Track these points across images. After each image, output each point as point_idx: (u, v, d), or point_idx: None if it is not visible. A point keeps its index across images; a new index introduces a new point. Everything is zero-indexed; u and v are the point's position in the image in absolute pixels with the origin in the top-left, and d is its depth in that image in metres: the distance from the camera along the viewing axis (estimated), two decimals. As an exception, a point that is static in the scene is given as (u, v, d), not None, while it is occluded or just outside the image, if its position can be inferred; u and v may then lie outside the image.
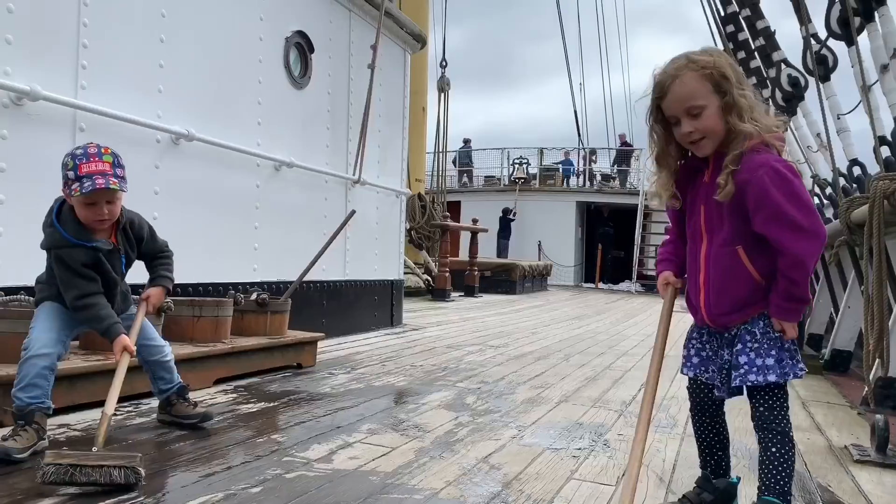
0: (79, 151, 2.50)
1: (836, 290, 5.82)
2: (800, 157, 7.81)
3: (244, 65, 5.01)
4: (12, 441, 2.33)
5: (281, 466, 2.42)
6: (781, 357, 1.93)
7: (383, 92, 6.95)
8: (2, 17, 3.30)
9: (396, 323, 7.44)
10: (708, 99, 1.91)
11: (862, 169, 5.40)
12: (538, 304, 12.54)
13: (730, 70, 1.91)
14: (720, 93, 1.90)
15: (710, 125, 1.92)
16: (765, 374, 1.91)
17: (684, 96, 1.92)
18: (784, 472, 1.89)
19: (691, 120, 1.92)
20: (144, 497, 2.05)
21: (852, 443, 3.10)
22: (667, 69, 1.96)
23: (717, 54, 1.96)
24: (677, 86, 1.92)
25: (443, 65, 16.46)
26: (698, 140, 1.95)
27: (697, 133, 1.93)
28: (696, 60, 1.92)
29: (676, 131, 1.98)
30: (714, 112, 1.91)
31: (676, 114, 1.95)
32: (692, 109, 1.91)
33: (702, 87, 1.91)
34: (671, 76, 1.93)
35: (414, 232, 13.60)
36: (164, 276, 2.84)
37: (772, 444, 1.91)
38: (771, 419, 1.92)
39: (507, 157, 26.81)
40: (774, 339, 1.94)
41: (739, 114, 1.90)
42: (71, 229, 2.53)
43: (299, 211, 5.66)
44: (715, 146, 1.95)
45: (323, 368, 4.53)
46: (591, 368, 5.07)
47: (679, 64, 1.93)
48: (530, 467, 2.56)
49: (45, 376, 2.46)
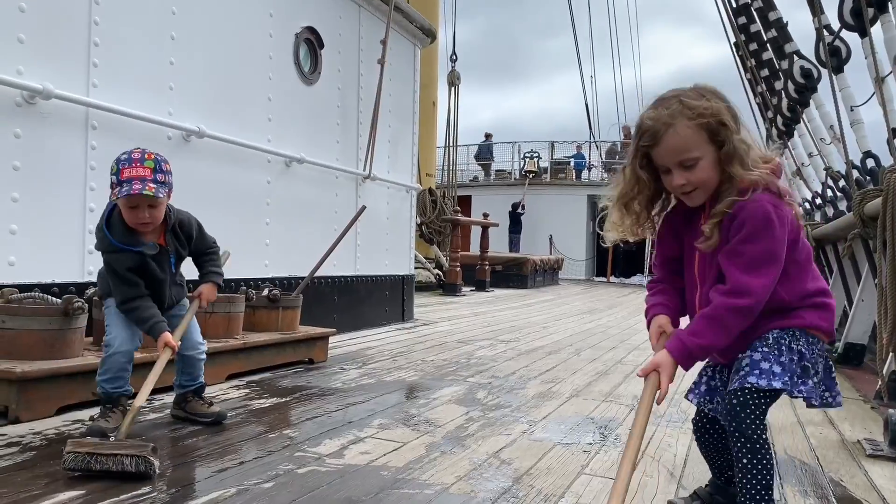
0: (123, 156, 2.60)
1: (849, 283, 5.78)
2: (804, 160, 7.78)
3: (254, 61, 5.02)
4: (104, 421, 2.63)
5: (293, 461, 2.43)
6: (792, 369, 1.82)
7: (393, 87, 6.95)
8: (14, 16, 3.32)
9: (407, 318, 7.46)
10: (703, 150, 1.78)
11: (875, 161, 5.34)
12: (549, 299, 12.53)
13: (727, 116, 1.78)
14: (716, 142, 1.78)
15: (704, 176, 1.80)
16: (769, 379, 1.80)
17: (679, 148, 1.79)
18: (759, 486, 1.78)
19: (684, 172, 1.81)
20: (157, 492, 2.07)
21: (865, 437, 3.08)
22: (660, 115, 1.80)
23: (714, 97, 1.81)
24: (671, 136, 1.78)
25: (453, 59, 16.44)
26: (690, 191, 1.84)
27: (690, 185, 1.82)
28: (693, 107, 1.77)
29: (667, 180, 1.87)
30: (709, 164, 1.79)
31: (668, 164, 1.83)
32: (686, 161, 1.79)
33: (697, 138, 1.77)
34: (665, 125, 1.78)
35: (425, 227, 13.62)
36: (213, 272, 2.95)
37: (742, 455, 1.79)
38: (742, 418, 1.79)
39: (518, 151, 26.76)
40: (788, 349, 1.84)
41: (742, 162, 1.77)
42: (118, 233, 2.62)
43: (310, 207, 5.67)
44: (707, 196, 1.84)
45: (334, 364, 4.55)
46: (602, 363, 5.06)
47: (673, 110, 1.78)
48: (541, 462, 2.56)
49: (126, 369, 2.73)
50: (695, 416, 2.14)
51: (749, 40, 8.49)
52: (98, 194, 3.73)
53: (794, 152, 8.28)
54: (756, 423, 1.79)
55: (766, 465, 1.79)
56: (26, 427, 2.67)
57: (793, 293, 1.85)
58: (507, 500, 2.16)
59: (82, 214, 3.66)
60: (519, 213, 22.28)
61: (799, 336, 1.86)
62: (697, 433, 2.13)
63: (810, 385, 1.83)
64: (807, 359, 1.85)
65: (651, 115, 1.82)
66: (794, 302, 1.86)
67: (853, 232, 4.46)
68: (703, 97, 1.80)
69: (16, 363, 2.77)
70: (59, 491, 2.04)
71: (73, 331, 2.99)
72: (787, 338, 1.85)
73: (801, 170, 8.09)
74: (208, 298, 2.94)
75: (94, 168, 3.71)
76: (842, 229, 5.23)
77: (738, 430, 1.79)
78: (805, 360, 1.84)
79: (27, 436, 2.57)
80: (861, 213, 3.95)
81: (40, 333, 2.88)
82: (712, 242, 1.80)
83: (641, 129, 1.85)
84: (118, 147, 3.86)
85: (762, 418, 1.80)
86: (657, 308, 2.06)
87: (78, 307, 2.97)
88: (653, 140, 1.81)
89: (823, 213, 7.09)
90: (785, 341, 1.85)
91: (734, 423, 1.80)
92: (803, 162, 7.97)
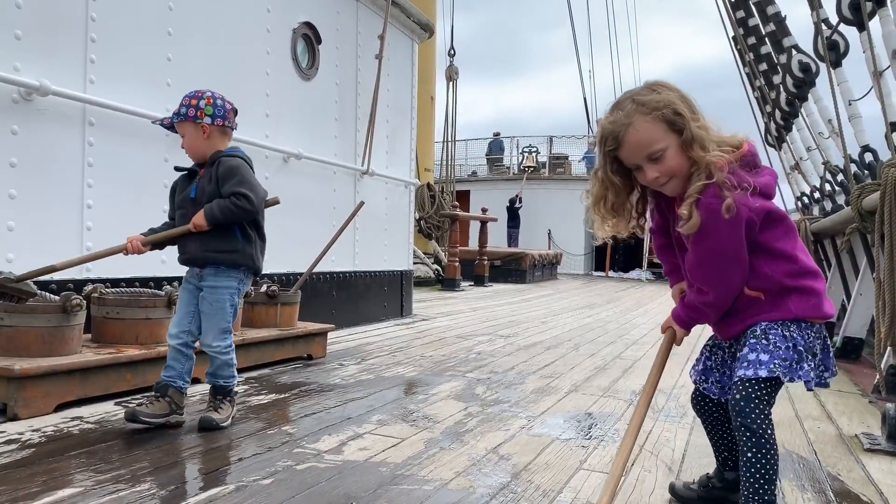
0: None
1: (847, 277, 5.79)
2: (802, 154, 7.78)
3: (252, 57, 5.01)
4: (143, 406, 2.73)
5: (292, 458, 2.44)
6: (781, 356, 1.86)
7: (391, 82, 6.94)
8: (10, 12, 3.31)
9: (406, 313, 7.46)
10: (666, 140, 1.84)
11: (874, 155, 5.34)
12: (548, 294, 12.54)
13: (681, 104, 1.84)
14: (676, 131, 1.84)
15: (674, 165, 1.86)
16: (755, 369, 1.85)
17: (642, 143, 1.85)
18: (763, 480, 1.80)
19: (654, 165, 1.87)
20: (157, 489, 2.07)
21: (863, 431, 3.09)
22: (617, 118, 1.87)
23: (664, 89, 1.87)
24: (632, 134, 1.85)
25: (451, 53, 16.43)
26: (665, 182, 1.89)
27: (663, 176, 1.88)
28: (646, 102, 1.84)
29: (640, 177, 1.92)
30: (675, 152, 1.85)
31: (637, 162, 1.89)
32: (653, 155, 1.85)
33: (657, 130, 1.84)
34: (623, 125, 1.85)
35: (423, 222, 13.61)
36: (208, 205, 2.78)
37: (747, 448, 1.81)
38: (747, 412, 1.82)
39: (517, 146, 26.72)
40: (779, 337, 1.88)
41: (702, 145, 1.83)
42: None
43: (308, 202, 5.67)
44: (682, 184, 1.89)
45: (333, 359, 4.55)
46: (600, 358, 5.07)
47: (628, 109, 1.85)
48: (539, 457, 2.57)
49: (177, 358, 2.83)
50: (693, 391, 2.22)
51: (747, 34, 8.48)
52: (96, 190, 3.72)
53: (793, 146, 8.28)
54: (761, 417, 1.82)
55: (770, 459, 1.81)
56: (25, 424, 2.67)
57: (778, 270, 1.90)
58: (505, 495, 2.16)
59: (80, 211, 3.65)
60: (517, 207, 22.27)
61: (790, 324, 1.91)
62: (695, 409, 2.22)
63: (806, 368, 1.88)
64: (801, 344, 1.89)
65: (609, 119, 1.89)
66: (783, 279, 1.90)
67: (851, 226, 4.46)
68: (654, 91, 1.86)
69: (14, 360, 2.77)
70: (58, 488, 2.04)
71: (72, 328, 2.99)
72: (778, 327, 1.90)
73: (800, 164, 8.09)
74: (195, 223, 2.78)
75: (91, 164, 3.70)
76: (840, 223, 5.23)
77: (742, 423, 1.83)
78: (800, 345, 1.89)
79: (26, 433, 2.57)
80: (859, 207, 3.96)
81: (39, 330, 2.88)
82: (693, 222, 1.82)
83: (603, 135, 1.91)
84: (115, 143, 3.88)
85: (766, 410, 1.84)
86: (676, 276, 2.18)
87: (76, 304, 2.97)
88: (616, 142, 1.88)
89: (822, 207, 7.10)
90: (776, 330, 1.90)
91: (738, 417, 1.84)
92: (801, 156, 7.97)
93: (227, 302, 2.87)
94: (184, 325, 2.85)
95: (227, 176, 2.80)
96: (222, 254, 2.84)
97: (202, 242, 2.82)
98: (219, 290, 2.85)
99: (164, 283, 3.94)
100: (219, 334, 2.86)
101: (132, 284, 3.82)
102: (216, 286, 2.85)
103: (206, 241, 2.82)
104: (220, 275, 2.86)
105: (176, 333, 2.83)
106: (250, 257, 2.90)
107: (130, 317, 3.32)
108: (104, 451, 2.41)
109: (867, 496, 2.30)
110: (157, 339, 3.37)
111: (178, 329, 2.84)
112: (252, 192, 2.80)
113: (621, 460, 1.87)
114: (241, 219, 2.83)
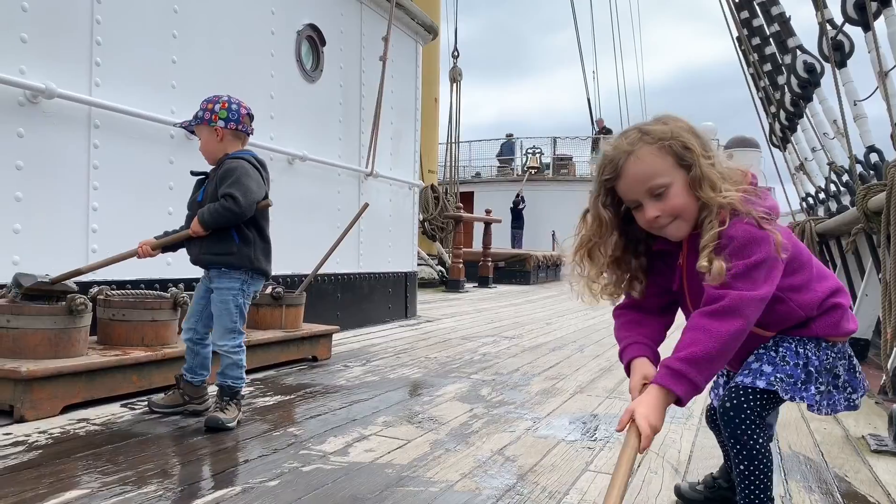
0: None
1: (853, 278, 5.77)
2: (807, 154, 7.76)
3: (256, 59, 5.02)
4: (158, 396, 3.02)
5: (297, 460, 2.44)
6: (786, 371, 1.75)
7: (395, 84, 6.95)
8: (16, 15, 3.32)
9: (410, 315, 7.46)
10: (671, 175, 1.66)
11: (879, 155, 5.33)
12: (552, 295, 12.52)
13: (691, 138, 1.67)
14: (684, 166, 1.66)
15: (679, 204, 1.67)
16: (754, 378, 1.74)
17: (644, 175, 1.66)
18: (758, 490, 1.73)
19: (656, 202, 1.68)
20: (164, 491, 2.08)
21: (870, 433, 3.08)
22: (619, 144, 1.70)
23: (674, 121, 1.70)
24: (633, 164, 1.67)
25: (455, 55, 16.43)
26: (667, 224, 1.70)
27: (665, 216, 1.68)
28: (651, 132, 1.68)
29: (639, 217, 1.72)
30: (681, 189, 1.66)
31: (637, 197, 1.70)
32: (655, 189, 1.66)
33: (662, 163, 1.66)
34: (625, 153, 1.68)
35: (427, 223, 13.64)
36: (200, 210, 2.83)
37: (738, 461, 1.73)
38: (737, 423, 1.71)
39: (521, 147, 26.73)
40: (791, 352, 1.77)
41: (712, 185, 1.64)
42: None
43: (312, 204, 5.68)
44: (689, 228, 1.70)
45: (338, 361, 4.55)
46: (605, 359, 5.06)
47: (632, 138, 1.69)
48: (545, 459, 2.57)
49: (188, 352, 3.01)
50: (709, 409, 2.18)
51: (752, 35, 8.47)
52: (101, 193, 3.73)
53: (798, 147, 8.26)
54: (751, 429, 1.71)
55: (762, 469, 1.72)
56: (32, 426, 2.68)
57: (809, 307, 1.78)
58: (511, 497, 2.16)
59: (85, 213, 3.66)
60: (520, 207, 22.27)
61: (808, 342, 1.80)
62: (709, 424, 2.19)
63: (812, 392, 1.76)
64: (814, 365, 1.78)
65: (611, 145, 1.73)
66: (812, 313, 1.78)
67: (857, 227, 4.45)
68: (663, 123, 1.71)
69: (21, 362, 2.78)
70: (65, 490, 2.04)
71: (78, 330, 3.00)
72: (793, 342, 1.80)
73: (805, 165, 8.07)
74: (192, 228, 2.85)
75: (97, 167, 3.71)
76: (845, 224, 5.22)
77: (732, 435, 1.73)
78: (812, 365, 1.78)
79: (32, 435, 2.58)
80: (865, 207, 3.95)
81: (45, 332, 2.89)
82: (718, 269, 1.61)
83: (603, 162, 1.74)
84: (121, 146, 3.89)
85: (757, 422, 1.72)
86: (635, 348, 1.83)
87: (82, 306, 2.98)
88: (615, 171, 1.70)
89: (827, 208, 7.08)
90: (789, 345, 1.79)
91: (728, 428, 1.73)
92: (806, 157, 7.95)
93: (230, 303, 2.90)
94: (190, 323, 2.98)
95: (224, 177, 2.84)
96: (220, 256, 2.89)
97: (201, 246, 2.89)
98: (222, 291, 2.90)
99: (169, 285, 3.94)
100: (225, 334, 2.90)
101: (138, 286, 3.83)
102: (220, 287, 2.91)
103: (205, 244, 2.88)
104: (222, 276, 2.91)
105: (185, 329, 3.00)
106: (248, 259, 2.91)
107: (136, 319, 3.32)
108: (110, 452, 2.42)
109: (874, 497, 2.29)
110: (162, 340, 3.38)
111: (186, 325, 3.00)
112: (242, 193, 2.79)
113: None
114: (231, 221, 2.82)
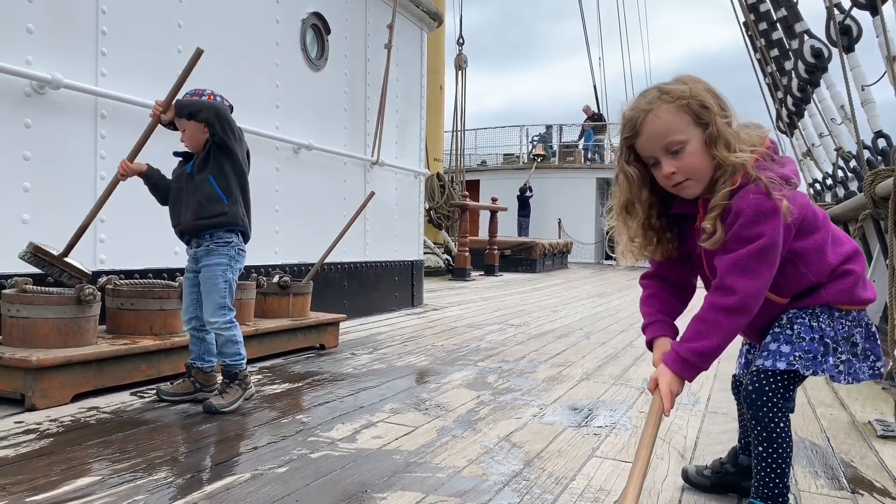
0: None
1: (860, 264, 5.74)
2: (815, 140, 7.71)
3: (261, 48, 5.01)
4: (168, 385, 3.10)
5: (306, 446, 2.46)
6: (804, 348, 1.77)
7: (400, 72, 6.93)
8: (22, 6, 3.33)
9: (417, 303, 7.48)
10: (688, 133, 1.71)
11: (887, 141, 5.30)
12: (558, 283, 12.52)
13: (709, 98, 1.72)
14: (701, 125, 1.71)
15: (695, 162, 1.72)
16: (774, 360, 1.77)
17: (661, 132, 1.72)
18: (774, 475, 1.77)
19: (671, 159, 1.73)
20: (174, 478, 2.10)
21: (876, 418, 3.09)
22: (637, 104, 1.76)
23: (693, 81, 1.75)
24: (651, 121, 1.72)
25: (460, 42, 16.36)
26: (682, 182, 1.75)
27: (681, 174, 1.73)
28: (670, 91, 1.73)
29: (657, 174, 1.78)
30: (698, 147, 1.71)
31: (654, 153, 1.75)
32: (671, 146, 1.72)
33: (679, 121, 1.71)
34: (643, 111, 1.73)
35: (433, 212, 13.63)
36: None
37: (758, 442, 1.77)
38: (759, 405, 1.76)
39: (526, 135, 26.64)
40: (805, 327, 1.79)
41: (727, 144, 1.69)
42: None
43: (319, 193, 5.68)
44: (703, 187, 1.76)
45: (345, 349, 4.57)
46: (612, 346, 5.07)
47: (651, 97, 1.74)
48: (552, 445, 2.58)
49: (193, 341, 3.10)
50: (733, 377, 2.17)
51: (759, 20, 8.40)
52: (108, 183, 3.74)
53: (805, 133, 8.21)
54: (773, 411, 1.76)
55: (782, 454, 1.76)
56: (43, 414, 2.71)
57: (820, 273, 1.80)
58: (518, 483, 2.17)
59: (93, 203, 3.67)
60: (527, 196, 22.22)
61: (820, 313, 1.81)
62: (734, 392, 2.18)
63: (831, 363, 1.78)
64: (829, 335, 1.79)
65: (630, 105, 1.79)
66: (824, 279, 1.80)
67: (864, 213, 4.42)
68: (682, 82, 1.75)
69: (31, 351, 2.81)
70: (77, 477, 2.07)
71: (87, 319, 3.03)
72: (806, 316, 1.81)
73: (812, 150, 8.02)
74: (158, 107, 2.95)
75: (103, 157, 3.72)
76: (853, 210, 5.19)
77: (754, 417, 1.78)
78: (827, 336, 1.79)
79: (44, 423, 2.61)
80: (872, 193, 3.92)
81: (55, 322, 2.92)
82: (717, 237, 1.71)
83: (623, 122, 1.80)
84: (127, 136, 3.89)
85: (780, 405, 1.77)
86: (656, 327, 1.93)
87: (91, 296, 3.00)
88: (633, 129, 1.76)
89: (834, 193, 7.04)
90: (803, 320, 1.81)
91: (750, 410, 1.79)
92: (814, 143, 7.90)
93: (219, 278, 2.95)
94: (190, 312, 3.06)
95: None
96: (213, 218, 2.94)
97: (195, 212, 2.93)
98: (211, 267, 2.96)
99: (177, 274, 3.96)
100: (216, 310, 2.96)
101: (146, 276, 3.85)
102: (208, 264, 2.97)
103: (196, 211, 2.92)
104: (211, 254, 2.96)
105: (186, 320, 3.08)
106: (239, 217, 2.99)
107: (145, 308, 3.35)
108: (121, 440, 2.44)
109: (881, 482, 2.30)
110: (171, 329, 3.41)
111: (186, 316, 3.07)
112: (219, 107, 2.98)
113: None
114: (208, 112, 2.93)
